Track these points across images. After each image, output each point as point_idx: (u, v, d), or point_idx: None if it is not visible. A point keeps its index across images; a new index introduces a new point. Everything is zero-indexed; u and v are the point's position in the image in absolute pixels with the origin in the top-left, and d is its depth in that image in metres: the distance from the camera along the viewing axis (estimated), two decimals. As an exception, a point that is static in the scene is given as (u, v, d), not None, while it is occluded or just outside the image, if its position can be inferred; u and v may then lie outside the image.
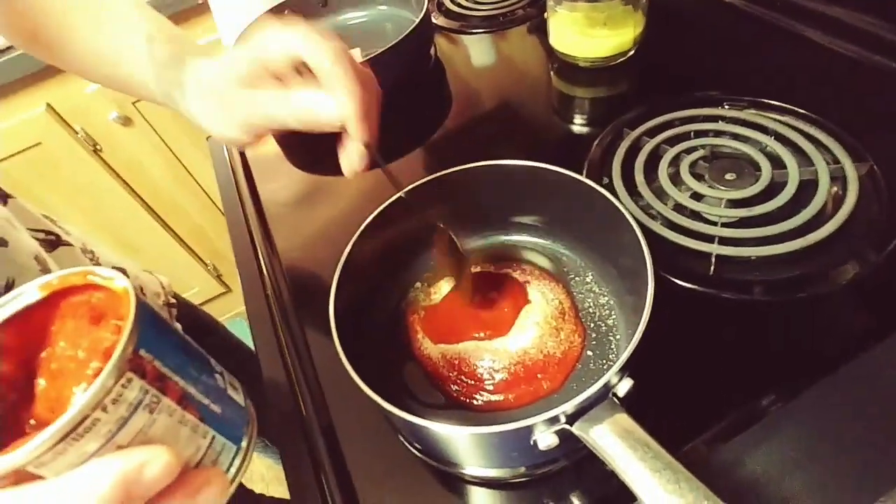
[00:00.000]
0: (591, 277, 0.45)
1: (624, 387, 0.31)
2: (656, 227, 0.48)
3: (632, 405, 0.31)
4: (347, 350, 0.35)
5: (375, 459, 0.41)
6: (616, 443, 0.28)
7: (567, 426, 0.30)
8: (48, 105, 1.12)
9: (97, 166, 1.23)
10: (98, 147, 1.21)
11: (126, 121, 1.20)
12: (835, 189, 0.48)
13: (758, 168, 0.50)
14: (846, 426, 0.35)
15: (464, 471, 0.39)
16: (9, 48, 1.04)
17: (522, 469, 0.37)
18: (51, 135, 1.15)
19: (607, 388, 0.31)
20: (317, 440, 0.44)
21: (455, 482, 0.39)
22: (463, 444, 0.33)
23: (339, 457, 0.42)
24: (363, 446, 0.42)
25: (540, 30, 0.80)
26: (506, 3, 0.86)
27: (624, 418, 0.29)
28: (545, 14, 0.71)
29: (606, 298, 0.43)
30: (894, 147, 0.49)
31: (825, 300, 0.42)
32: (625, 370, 0.31)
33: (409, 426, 0.34)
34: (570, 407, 0.30)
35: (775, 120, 0.54)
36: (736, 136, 0.54)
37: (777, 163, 0.50)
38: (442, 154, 0.70)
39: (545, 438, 0.30)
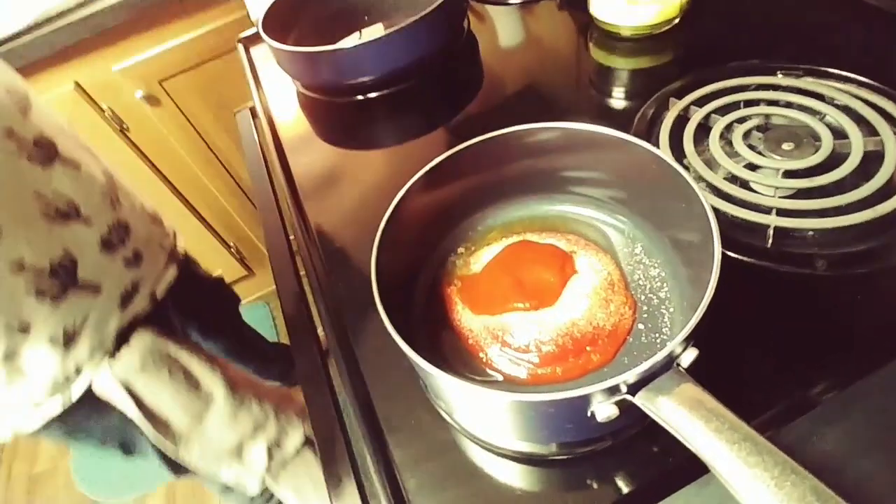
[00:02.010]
0: (640, 249, 0.43)
1: (688, 357, 0.29)
2: (709, 197, 0.45)
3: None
4: (392, 317, 0.34)
5: (413, 436, 0.40)
6: (686, 414, 0.26)
7: (629, 396, 0.28)
8: (76, 83, 1.12)
9: (124, 146, 1.24)
10: (125, 126, 1.21)
11: (153, 100, 1.20)
12: (903, 159, 0.45)
13: (817, 138, 0.47)
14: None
15: (502, 446, 0.37)
16: (38, 25, 1.04)
17: (561, 447, 0.36)
18: (79, 113, 1.15)
19: (671, 358, 0.29)
20: (351, 418, 0.43)
21: (491, 457, 0.38)
22: (515, 414, 0.32)
23: (378, 431, 0.41)
24: (400, 420, 0.41)
25: (572, 5, 0.77)
26: (540, -25, 0.83)
27: (692, 388, 0.27)
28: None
29: (658, 270, 0.41)
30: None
31: (893, 275, 0.39)
32: (689, 340, 0.29)
33: (457, 394, 0.33)
34: (631, 376, 0.28)
35: (835, 88, 0.51)
36: (791, 106, 0.51)
37: (838, 133, 0.48)
38: (475, 127, 0.67)
39: (604, 409, 0.29)
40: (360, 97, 0.71)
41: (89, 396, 0.60)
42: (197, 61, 1.18)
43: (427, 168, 0.41)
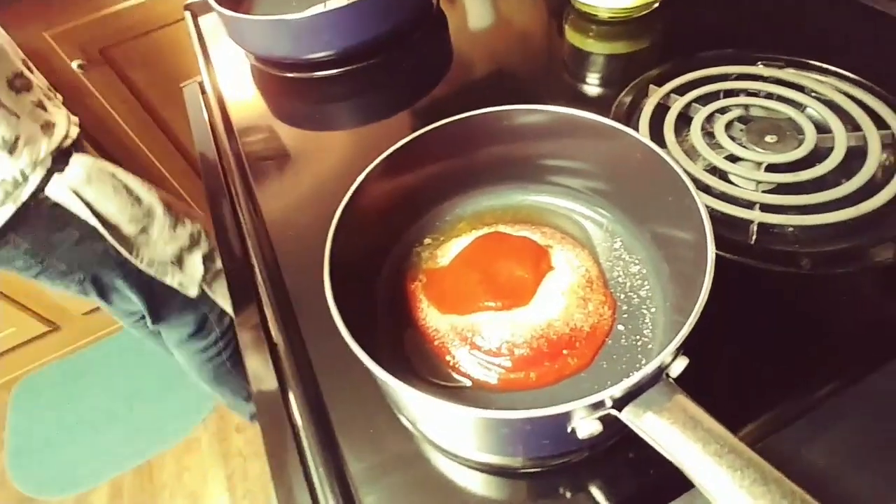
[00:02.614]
0: (619, 244, 0.40)
1: (678, 367, 0.27)
2: (691, 191, 0.43)
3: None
4: (346, 318, 0.29)
5: (372, 447, 0.36)
6: (679, 433, 0.23)
7: (614, 412, 0.25)
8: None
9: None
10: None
11: (92, 70, 1.10)
12: (885, 156, 0.44)
13: (800, 131, 0.46)
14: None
15: (470, 458, 0.34)
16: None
17: (534, 459, 0.33)
18: (6, 82, 1.04)
19: (661, 369, 0.26)
20: (303, 422, 0.39)
21: (459, 469, 0.35)
22: (486, 429, 0.28)
23: (332, 441, 0.37)
24: (357, 429, 0.37)
25: (550, -18, 0.74)
26: (514, -48, 0.79)
27: (684, 401, 0.25)
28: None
29: (638, 267, 0.39)
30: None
31: (881, 275, 0.38)
32: (680, 348, 0.27)
33: (421, 407, 0.29)
34: (618, 390, 0.25)
35: (817, 81, 0.49)
36: (772, 97, 0.49)
37: (821, 127, 0.46)
38: (442, 110, 0.63)
39: (587, 426, 0.26)
40: (319, 73, 0.66)
41: (47, 208, 0.70)
42: (143, 29, 1.09)
43: (391, 150, 0.37)
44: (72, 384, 1.61)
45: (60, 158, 0.72)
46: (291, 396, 0.41)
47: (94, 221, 0.73)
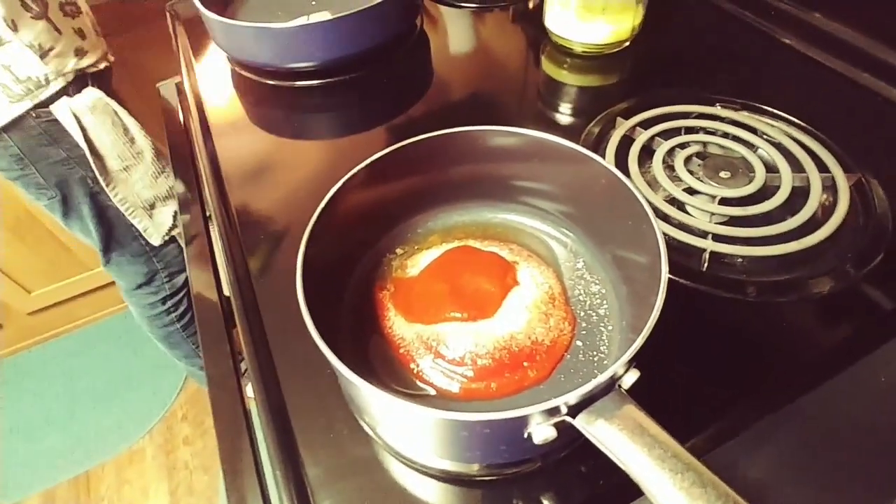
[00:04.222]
0: (582, 264, 0.42)
1: (630, 378, 0.28)
2: (650, 218, 0.45)
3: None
4: (316, 318, 0.30)
5: (331, 451, 0.36)
6: (627, 439, 0.25)
7: (569, 418, 0.27)
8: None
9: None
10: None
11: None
12: (825, 196, 0.47)
13: (752, 170, 0.49)
14: (843, 436, 0.33)
15: (427, 464, 0.35)
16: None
17: (488, 467, 0.34)
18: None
19: (613, 380, 0.27)
20: (263, 422, 0.38)
21: (415, 476, 0.35)
22: (446, 432, 0.29)
23: (291, 445, 0.37)
24: (317, 433, 0.37)
25: (526, 17, 0.77)
26: (497, -17, 0.82)
27: (634, 411, 0.26)
28: (541, -4, 0.68)
29: (598, 287, 0.40)
30: (883, 162, 0.49)
31: (818, 305, 0.41)
32: (632, 361, 0.28)
33: (384, 410, 0.30)
34: (573, 397, 0.26)
35: (768, 125, 0.53)
36: (728, 136, 0.53)
37: (770, 167, 0.49)
38: (417, 128, 0.64)
39: (542, 431, 0.27)
40: (300, 83, 0.67)
41: (45, 122, 0.79)
42: (118, 28, 1.07)
43: (370, 160, 0.38)
44: (9, 386, 1.53)
45: (79, 82, 0.81)
46: (252, 397, 0.41)
47: (83, 145, 0.80)
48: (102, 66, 0.86)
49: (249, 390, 0.42)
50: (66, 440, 1.42)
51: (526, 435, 0.27)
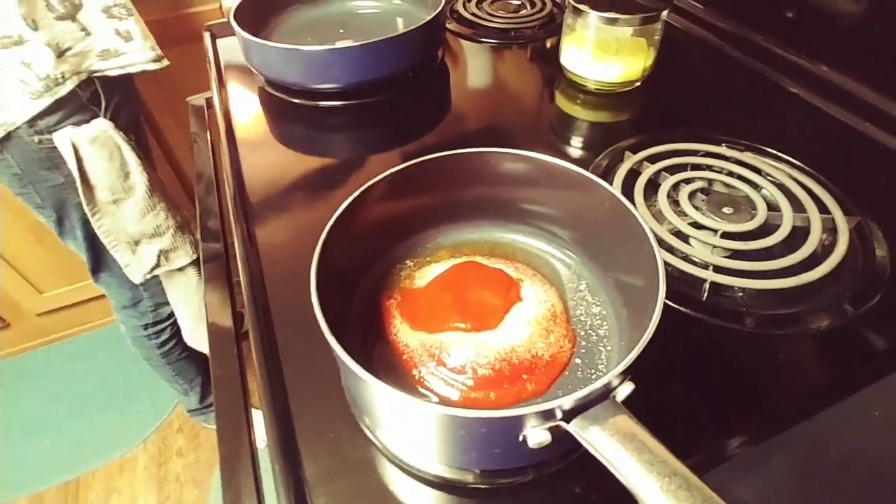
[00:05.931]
0: (584, 286, 0.43)
1: (625, 391, 0.29)
2: (653, 247, 0.47)
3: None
4: (326, 319, 0.31)
5: (329, 450, 0.37)
6: (618, 444, 0.26)
7: (563, 423, 0.27)
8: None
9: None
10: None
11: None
12: (825, 236, 0.49)
13: (754, 207, 0.51)
14: (836, 467, 0.33)
15: (423, 468, 0.35)
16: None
17: (482, 475, 0.34)
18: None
19: (608, 389, 0.28)
20: (266, 421, 0.39)
21: (411, 482, 0.36)
22: (445, 431, 0.30)
23: (291, 442, 0.38)
24: (318, 432, 0.38)
25: (543, 55, 0.81)
26: (519, 19, 0.87)
27: (626, 420, 0.27)
28: (557, 37, 0.71)
29: (600, 308, 0.42)
30: (882, 208, 0.51)
31: (814, 340, 0.42)
32: (626, 374, 0.29)
33: (387, 407, 0.31)
34: (568, 402, 0.27)
35: (772, 166, 0.55)
36: (732, 175, 0.55)
37: (772, 206, 0.51)
38: (432, 153, 0.68)
39: (537, 434, 0.28)
40: (324, 103, 0.70)
41: (47, 149, 0.80)
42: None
43: (388, 172, 0.40)
44: (10, 386, 1.53)
45: (88, 108, 0.82)
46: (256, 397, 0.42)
47: (75, 174, 0.81)
48: (138, 70, 0.86)
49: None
50: (60, 444, 1.42)
51: (521, 438, 0.28)
